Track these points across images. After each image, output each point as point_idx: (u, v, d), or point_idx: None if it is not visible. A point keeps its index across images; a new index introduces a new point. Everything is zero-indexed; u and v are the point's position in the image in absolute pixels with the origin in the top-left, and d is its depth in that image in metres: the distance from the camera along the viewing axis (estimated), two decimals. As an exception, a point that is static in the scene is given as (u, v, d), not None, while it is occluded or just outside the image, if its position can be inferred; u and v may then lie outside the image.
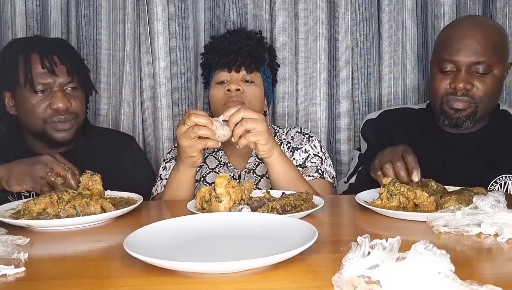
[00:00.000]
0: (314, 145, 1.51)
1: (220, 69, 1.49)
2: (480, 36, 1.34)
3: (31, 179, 1.12)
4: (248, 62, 1.47)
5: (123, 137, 1.65)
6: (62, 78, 1.39)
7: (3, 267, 0.70)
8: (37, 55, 1.37)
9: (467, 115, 1.37)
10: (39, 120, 1.38)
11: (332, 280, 0.60)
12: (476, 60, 1.33)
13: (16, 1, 1.79)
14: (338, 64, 1.85)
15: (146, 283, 0.66)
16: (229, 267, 0.66)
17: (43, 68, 1.36)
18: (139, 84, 1.85)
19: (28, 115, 1.39)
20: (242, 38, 1.52)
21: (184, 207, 1.08)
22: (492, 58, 1.34)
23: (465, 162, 1.41)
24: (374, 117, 1.59)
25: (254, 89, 1.48)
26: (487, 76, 1.35)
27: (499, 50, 1.36)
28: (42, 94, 1.37)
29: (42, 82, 1.36)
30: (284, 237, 0.79)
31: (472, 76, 1.35)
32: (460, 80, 1.34)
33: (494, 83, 1.36)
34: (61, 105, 1.37)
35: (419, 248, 0.58)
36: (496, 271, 0.71)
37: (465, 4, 1.82)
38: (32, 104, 1.37)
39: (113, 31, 1.85)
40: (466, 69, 1.34)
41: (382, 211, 1.01)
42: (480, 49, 1.33)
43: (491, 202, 0.86)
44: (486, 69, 1.34)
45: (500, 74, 1.37)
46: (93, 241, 0.91)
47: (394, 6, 1.84)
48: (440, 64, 1.39)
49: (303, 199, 1.06)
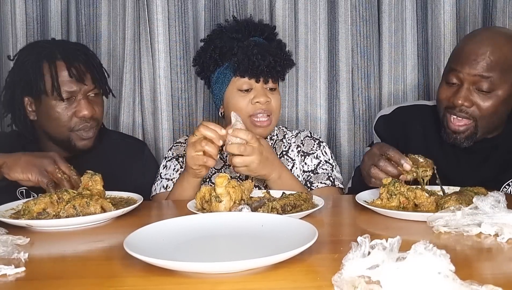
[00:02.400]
0: (325, 152, 1.51)
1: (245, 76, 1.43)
2: (491, 51, 1.27)
3: (38, 170, 1.14)
4: (280, 74, 1.46)
5: (135, 144, 1.64)
6: (87, 86, 1.38)
7: (3, 267, 0.70)
8: (62, 63, 1.36)
9: (465, 137, 1.33)
10: (65, 129, 1.37)
11: (332, 280, 0.60)
12: (480, 74, 1.27)
13: (16, 1, 1.79)
14: (338, 64, 1.85)
15: (146, 283, 0.66)
16: (229, 267, 0.66)
17: (70, 76, 1.35)
18: (139, 84, 1.85)
19: (53, 123, 1.38)
20: (274, 47, 1.47)
21: (184, 207, 1.08)
22: (499, 75, 1.27)
23: (479, 164, 1.39)
24: (388, 113, 1.57)
25: (277, 98, 1.46)
26: (490, 95, 1.28)
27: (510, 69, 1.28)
28: (67, 102, 1.36)
29: (68, 90, 1.35)
30: (284, 237, 0.79)
31: (473, 93, 1.29)
32: (460, 96, 1.29)
33: (496, 103, 1.29)
34: (86, 113, 1.37)
35: (419, 248, 0.58)
36: (496, 271, 0.71)
37: (465, 4, 1.82)
38: (58, 112, 1.36)
39: (113, 31, 1.86)
40: (468, 85, 1.29)
41: (382, 211, 1.01)
42: (486, 64, 1.27)
43: (491, 203, 0.86)
44: (490, 87, 1.27)
45: (506, 96, 1.29)
46: (93, 241, 0.91)
47: (394, 6, 1.84)
48: (446, 74, 1.36)
49: (303, 199, 1.06)
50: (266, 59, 1.40)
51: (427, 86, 1.87)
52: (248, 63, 1.39)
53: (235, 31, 1.49)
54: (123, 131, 1.84)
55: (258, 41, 1.47)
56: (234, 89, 1.44)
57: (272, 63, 1.41)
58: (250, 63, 1.39)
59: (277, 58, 1.43)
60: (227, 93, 1.46)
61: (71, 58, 1.38)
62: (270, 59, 1.40)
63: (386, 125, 1.55)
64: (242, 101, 1.42)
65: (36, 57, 1.38)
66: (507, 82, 1.29)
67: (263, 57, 1.40)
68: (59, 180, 1.14)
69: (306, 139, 1.53)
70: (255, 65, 1.39)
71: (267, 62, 1.40)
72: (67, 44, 1.48)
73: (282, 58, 1.45)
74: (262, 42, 1.47)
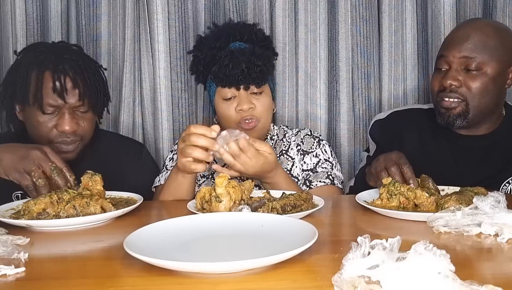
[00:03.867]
0: (325, 150, 1.51)
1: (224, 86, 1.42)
2: (473, 34, 1.34)
3: (18, 173, 1.11)
4: (258, 80, 1.41)
5: (133, 145, 1.62)
6: (72, 101, 1.33)
7: (3, 267, 0.70)
8: (50, 74, 1.31)
9: (457, 114, 1.35)
10: (44, 139, 1.34)
11: (332, 280, 0.60)
12: (465, 56, 1.32)
13: (16, 1, 1.79)
14: (338, 64, 1.85)
15: (146, 283, 0.66)
16: (229, 267, 0.66)
17: (53, 91, 1.30)
18: (139, 84, 1.85)
19: (33, 130, 1.35)
20: (249, 53, 1.41)
21: (184, 207, 1.08)
22: (485, 55, 1.32)
23: (477, 163, 1.39)
24: (383, 118, 1.57)
25: (264, 101, 1.43)
26: (478, 74, 1.33)
27: (495, 49, 1.33)
28: (50, 115, 1.33)
29: (52, 103, 1.31)
30: (284, 237, 0.79)
31: (461, 73, 1.34)
32: (448, 77, 1.34)
33: (485, 82, 1.33)
34: (67, 128, 1.32)
35: (419, 248, 0.58)
36: (496, 271, 0.71)
37: (465, 4, 1.82)
38: (39, 122, 1.33)
39: (113, 31, 1.85)
40: (456, 66, 1.34)
41: (382, 211, 1.01)
42: (470, 45, 1.33)
43: (491, 203, 0.86)
44: (477, 66, 1.32)
45: (495, 74, 1.33)
46: (93, 241, 0.91)
47: (394, 6, 1.84)
48: (437, 62, 1.41)
49: (303, 199, 1.06)
50: (239, 67, 1.37)
51: (427, 86, 1.87)
52: (222, 73, 1.39)
53: (215, 39, 1.49)
54: (123, 131, 1.84)
55: (236, 46, 1.45)
56: (220, 98, 1.44)
57: (245, 71, 1.38)
58: (223, 73, 1.39)
59: (251, 64, 1.38)
60: (215, 103, 1.47)
61: (60, 69, 1.32)
62: (242, 66, 1.37)
63: (381, 129, 1.55)
64: (227, 109, 1.42)
65: (28, 62, 1.35)
66: (494, 60, 1.33)
67: (235, 65, 1.37)
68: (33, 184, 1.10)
69: (306, 138, 1.53)
70: (228, 74, 1.38)
71: (240, 70, 1.37)
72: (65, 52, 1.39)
73: (256, 64, 1.39)
74: (241, 48, 1.44)
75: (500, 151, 1.39)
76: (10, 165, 1.12)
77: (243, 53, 1.41)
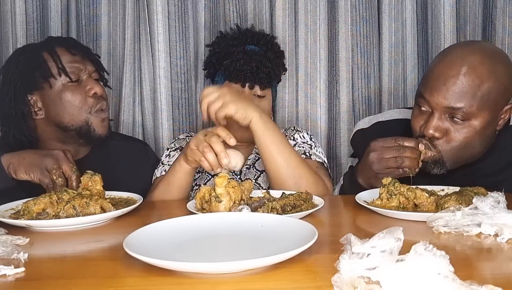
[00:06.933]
0: (303, 136, 1.53)
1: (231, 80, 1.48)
2: (463, 76, 1.14)
3: (39, 171, 1.14)
4: (264, 81, 1.47)
5: (138, 145, 1.63)
6: (89, 66, 1.39)
7: (3, 267, 0.70)
8: (62, 48, 1.37)
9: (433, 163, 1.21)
10: (83, 111, 1.34)
11: (332, 280, 0.60)
12: (449, 106, 1.15)
13: (16, 1, 1.79)
14: (338, 64, 1.85)
15: (146, 283, 0.66)
16: (229, 267, 0.66)
17: (73, 55, 1.36)
18: (139, 84, 1.86)
19: (68, 109, 1.34)
20: (261, 54, 1.49)
21: (184, 207, 1.08)
22: (473, 104, 1.14)
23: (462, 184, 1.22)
24: (366, 127, 1.47)
25: (264, 106, 1.49)
26: (463, 125, 1.16)
27: (488, 93, 1.14)
28: (76, 83, 1.35)
29: (75, 66, 1.35)
30: (284, 237, 0.79)
31: (445, 122, 1.18)
32: (429, 127, 1.18)
33: (471, 135, 1.17)
34: (98, 89, 1.36)
35: (419, 249, 0.58)
36: (496, 271, 0.71)
37: (465, 4, 1.82)
38: (71, 94, 1.34)
39: (113, 31, 1.86)
40: (439, 114, 1.18)
41: (382, 211, 1.01)
42: (457, 91, 1.14)
43: (491, 203, 0.86)
44: (464, 117, 1.15)
45: (485, 124, 1.16)
46: (93, 241, 0.91)
47: (394, 6, 1.84)
48: (416, 98, 1.25)
49: (303, 199, 1.06)
50: (249, 64, 1.44)
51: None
52: (233, 67, 1.45)
53: (234, 38, 1.56)
54: (123, 131, 1.84)
55: (252, 48, 1.51)
56: None
57: (254, 69, 1.44)
58: (234, 67, 1.45)
59: (261, 65, 1.45)
60: None
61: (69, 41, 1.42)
62: (253, 64, 1.44)
63: (363, 140, 1.39)
64: None
65: (33, 52, 1.37)
66: (485, 110, 1.15)
67: (246, 62, 1.44)
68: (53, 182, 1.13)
69: (289, 130, 1.57)
70: (238, 69, 1.44)
71: (249, 68, 1.44)
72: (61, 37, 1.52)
73: (266, 66, 1.46)
74: (256, 50, 1.51)
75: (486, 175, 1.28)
76: (32, 162, 1.15)
77: (256, 53, 1.49)
